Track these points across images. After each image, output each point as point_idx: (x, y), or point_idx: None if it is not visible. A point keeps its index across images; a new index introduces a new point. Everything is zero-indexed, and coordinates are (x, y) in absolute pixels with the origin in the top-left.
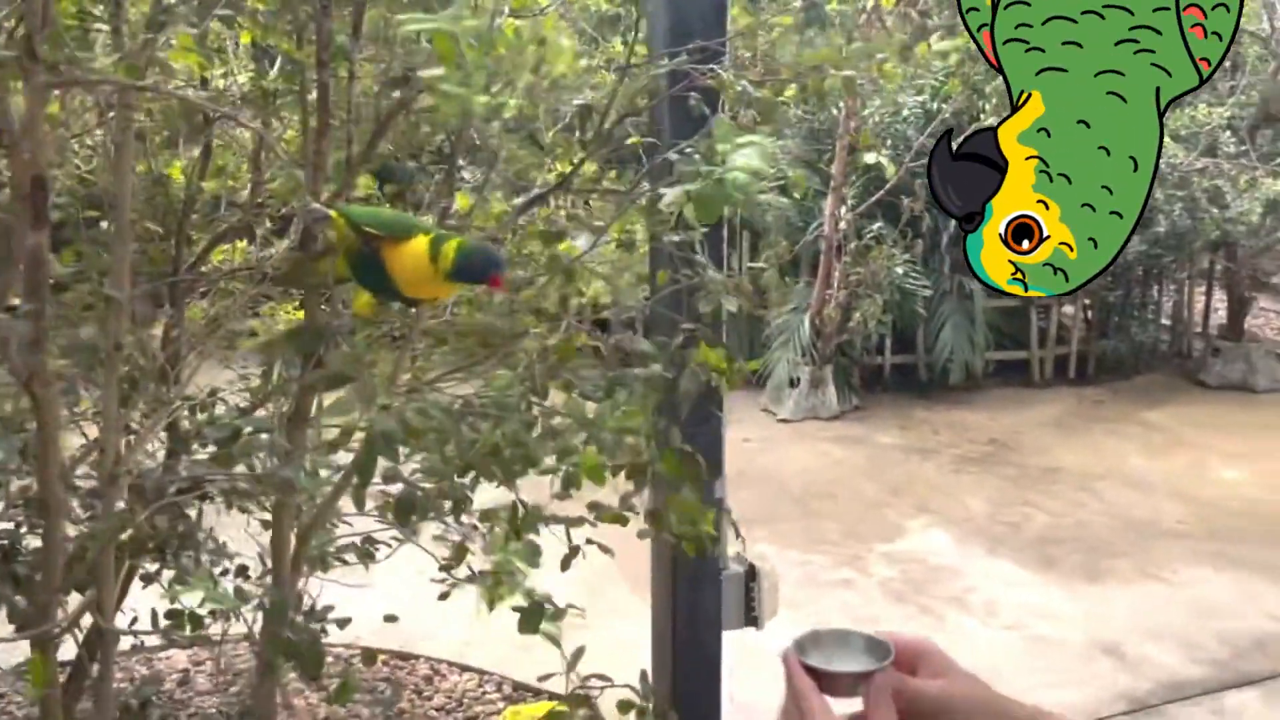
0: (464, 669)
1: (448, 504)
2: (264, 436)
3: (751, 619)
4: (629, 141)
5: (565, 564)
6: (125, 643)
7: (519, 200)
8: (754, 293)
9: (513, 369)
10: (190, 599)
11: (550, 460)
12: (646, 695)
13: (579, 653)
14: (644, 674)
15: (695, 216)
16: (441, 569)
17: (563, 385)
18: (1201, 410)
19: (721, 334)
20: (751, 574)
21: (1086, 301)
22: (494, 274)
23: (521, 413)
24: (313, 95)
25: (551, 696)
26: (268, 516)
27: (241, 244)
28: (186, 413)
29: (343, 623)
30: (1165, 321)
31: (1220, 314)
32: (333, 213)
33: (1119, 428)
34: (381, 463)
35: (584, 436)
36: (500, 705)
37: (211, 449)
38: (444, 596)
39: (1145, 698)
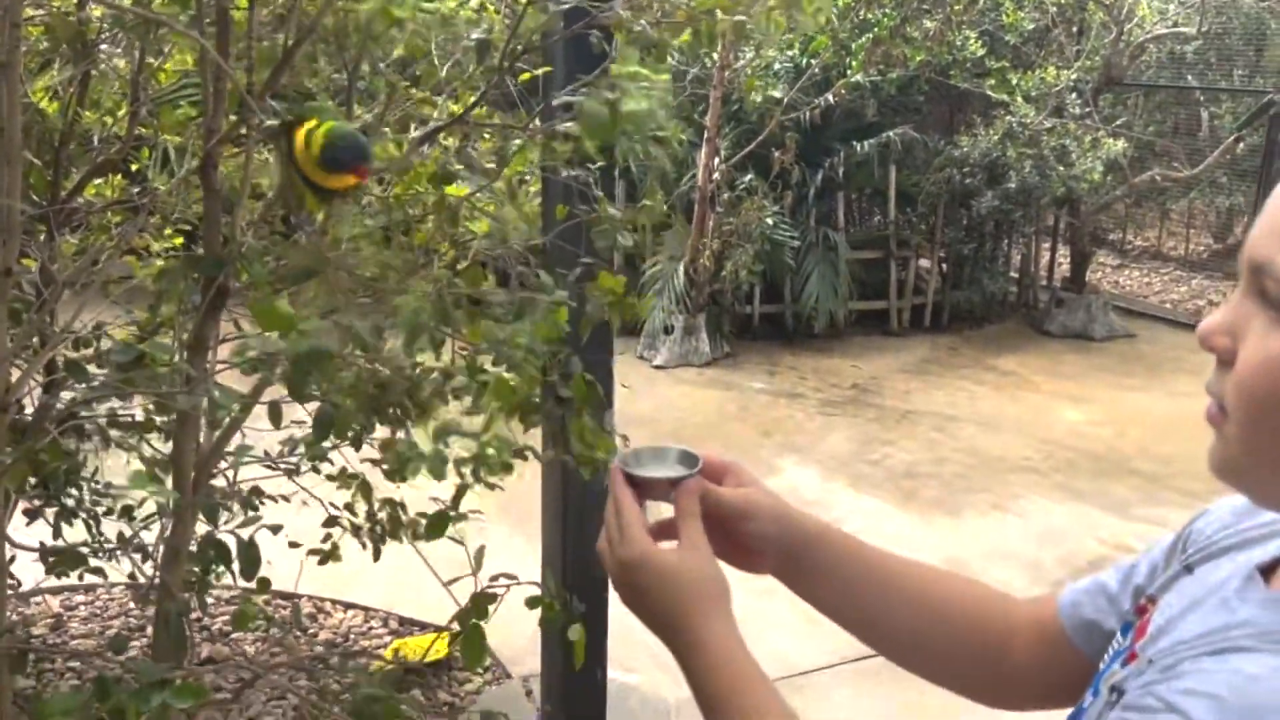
0: (348, 606)
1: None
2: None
3: None
4: (522, 78)
5: (457, 499)
6: None
7: (414, 135)
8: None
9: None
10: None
11: (462, 379)
12: (554, 592)
13: (481, 551)
14: (545, 572)
15: (585, 137)
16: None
17: (468, 315)
18: (1046, 357)
19: (614, 271)
20: None
21: (941, 254)
22: (360, 165)
23: (433, 331)
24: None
25: (438, 629)
26: (153, 452)
27: (116, 178)
28: (68, 348)
29: (275, 529)
30: (1014, 274)
31: (1064, 267)
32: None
33: (971, 373)
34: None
35: (493, 358)
36: (387, 639)
37: (95, 382)
38: (323, 555)
39: None
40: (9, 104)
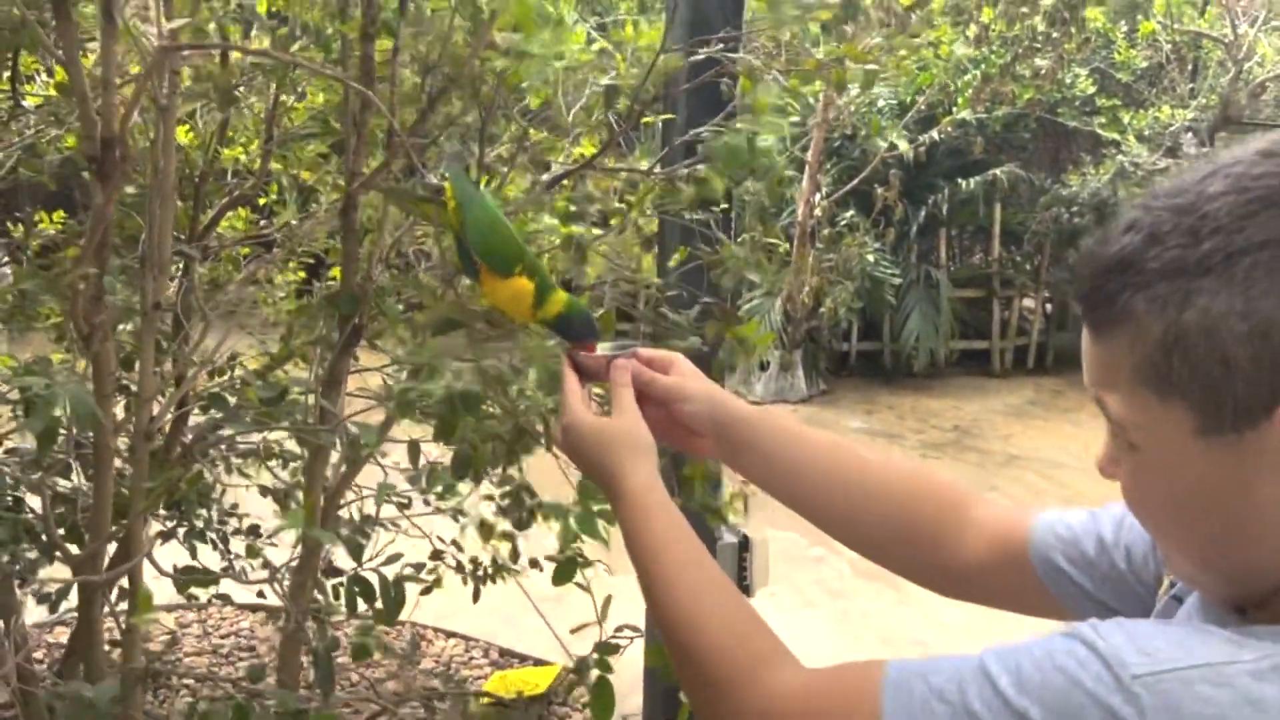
0: (449, 635)
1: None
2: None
3: (744, 587)
4: (644, 122)
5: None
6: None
7: (545, 177)
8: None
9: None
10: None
11: None
12: None
13: (608, 602)
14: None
15: (718, 173)
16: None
17: None
18: None
19: (737, 309)
20: (745, 544)
21: (1046, 295)
22: (590, 340)
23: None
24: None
25: (536, 662)
26: (276, 482)
27: (244, 211)
28: (205, 376)
29: (393, 558)
30: None
31: None
32: (446, 190)
33: (1077, 417)
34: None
35: None
36: (488, 669)
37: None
38: (426, 586)
39: None
40: (166, 145)
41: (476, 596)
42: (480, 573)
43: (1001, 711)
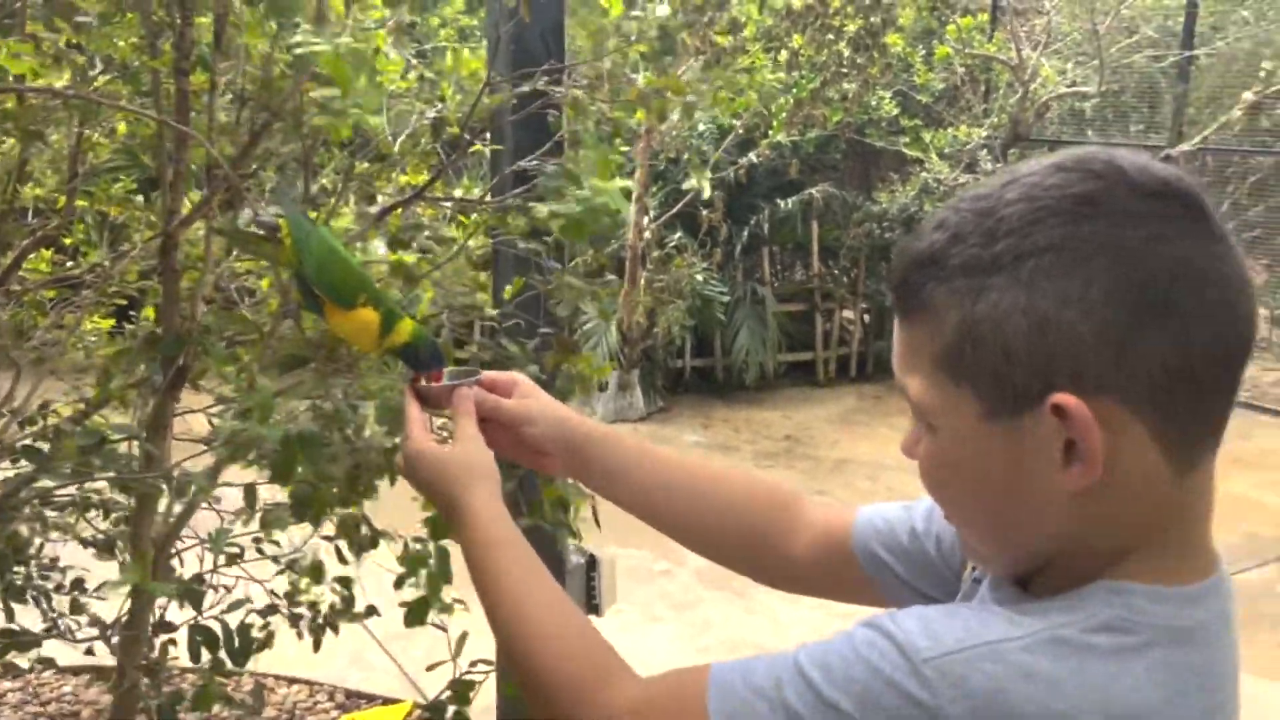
0: (292, 681)
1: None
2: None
3: (593, 607)
4: (471, 151)
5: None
6: None
7: (373, 209)
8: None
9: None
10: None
11: None
12: None
13: (464, 638)
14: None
15: (564, 237)
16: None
17: None
18: None
19: (574, 333)
20: (592, 564)
21: (864, 306)
22: (436, 368)
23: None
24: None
25: (385, 701)
26: (95, 534)
27: (47, 252)
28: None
29: (236, 604)
30: None
31: None
32: (282, 227)
33: (896, 421)
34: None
35: None
36: (334, 713)
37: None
38: (259, 644)
39: None
40: None
41: (317, 646)
42: (319, 620)
43: (815, 704)
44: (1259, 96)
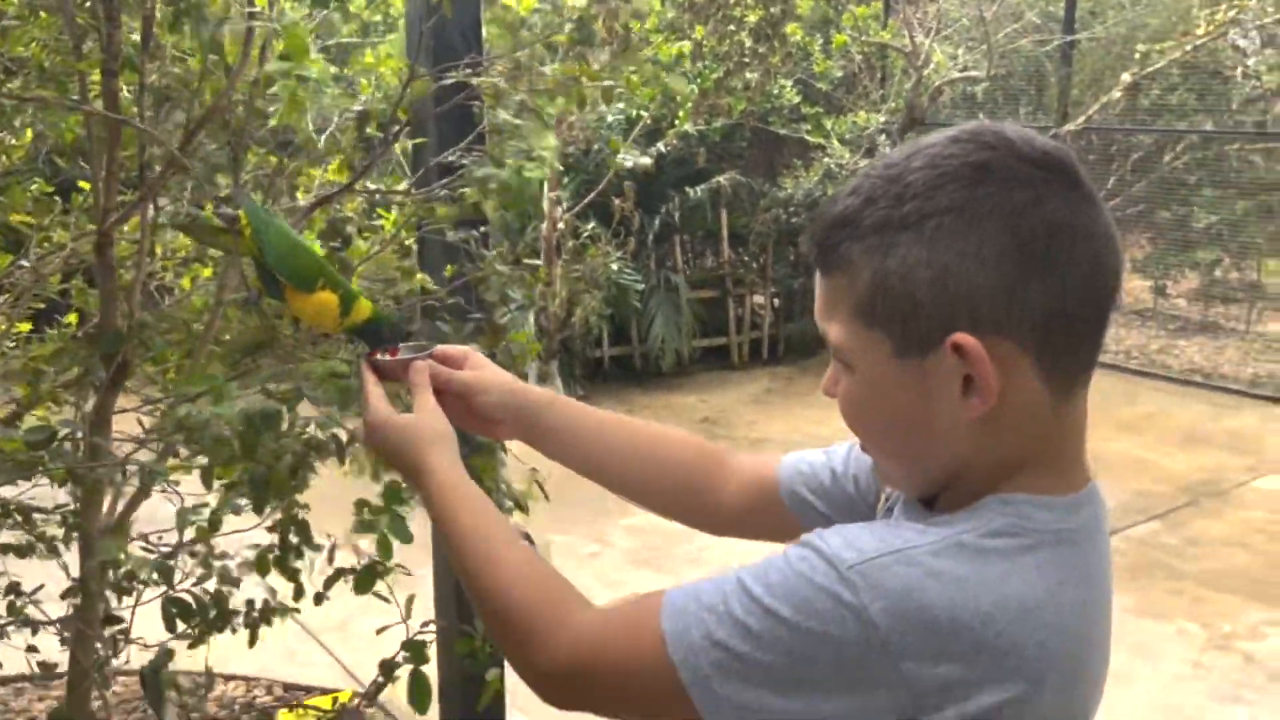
0: (229, 678)
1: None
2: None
3: None
4: (394, 145)
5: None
6: None
7: (303, 202)
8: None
9: (319, 362)
10: None
11: None
12: (482, 634)
13: (411, 601)
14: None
15: (500, 205)
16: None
17: None
18: None
19: (500, 324)
20: (528, 542)
21: (773, 290)
22: (396, 344)
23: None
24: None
25: (324, 693)
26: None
27: None
28: None
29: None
30: None
31: None
32: (241, 219)
33: (808, 399)
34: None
35: None
36: (275, 706)
37: None
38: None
39: None
40: None
41: (253, 641)
42: (255, 615)
43: (758, 613)
44: (1135, 78)
